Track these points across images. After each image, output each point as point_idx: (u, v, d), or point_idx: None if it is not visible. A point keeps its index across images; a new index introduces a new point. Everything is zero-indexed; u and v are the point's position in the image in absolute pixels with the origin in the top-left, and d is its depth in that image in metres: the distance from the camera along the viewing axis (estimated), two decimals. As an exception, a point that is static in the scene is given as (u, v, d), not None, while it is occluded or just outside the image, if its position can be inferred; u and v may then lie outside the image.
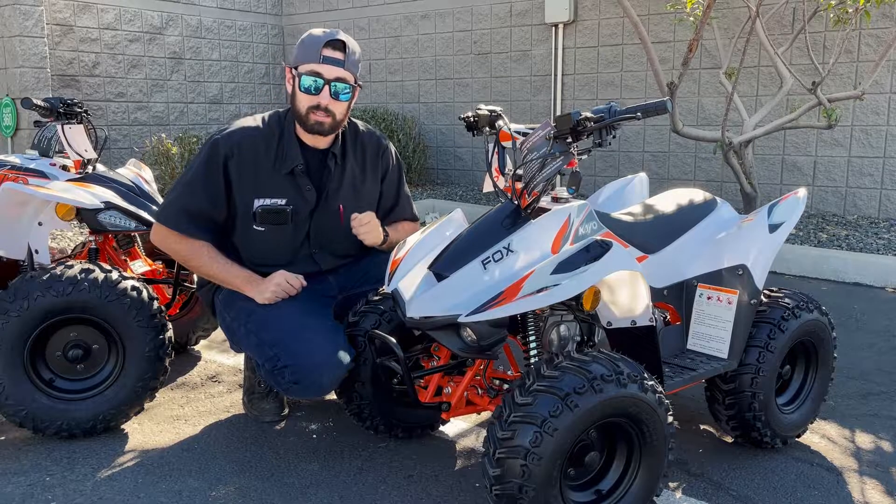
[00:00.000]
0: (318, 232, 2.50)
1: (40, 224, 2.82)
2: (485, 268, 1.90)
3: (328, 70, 2.34)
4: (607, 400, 1.73)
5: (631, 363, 1.82)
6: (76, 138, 2.97)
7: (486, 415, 2.68)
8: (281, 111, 2.52)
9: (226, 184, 2.39)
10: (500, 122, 2.28)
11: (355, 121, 2.60)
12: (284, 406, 2.72)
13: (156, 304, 2.56)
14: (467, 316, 1.81)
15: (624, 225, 2.24)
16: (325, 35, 2.34)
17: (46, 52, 7.29)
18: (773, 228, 2.35)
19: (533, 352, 2.06)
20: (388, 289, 2.07)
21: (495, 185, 2.15)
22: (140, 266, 3.20)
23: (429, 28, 8.51)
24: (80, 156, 2.97)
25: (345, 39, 2.36)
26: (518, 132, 2.21)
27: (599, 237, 1.94)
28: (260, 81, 9.59)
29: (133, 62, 8.34)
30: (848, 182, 6.28)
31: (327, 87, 2.34)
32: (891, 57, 5.85)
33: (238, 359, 3.29)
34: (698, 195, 2.52)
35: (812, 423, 2.56)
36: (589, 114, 1.95)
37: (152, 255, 3.32)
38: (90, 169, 3.01)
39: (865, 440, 2.57)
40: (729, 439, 2.54)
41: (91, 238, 3.04)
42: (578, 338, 2.23)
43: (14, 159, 3.05)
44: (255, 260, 2.47)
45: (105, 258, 3.11)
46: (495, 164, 2.21)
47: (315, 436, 2.56)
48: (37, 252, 2.81)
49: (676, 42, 6.85)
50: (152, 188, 3.14)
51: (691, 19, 5.79)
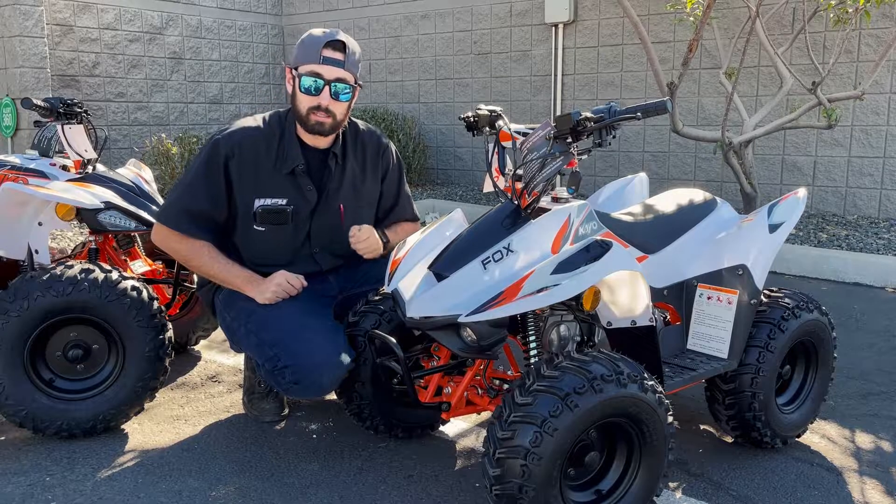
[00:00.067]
0: (319, 232, 2.50)
1: (40, 224, 2.83)
2: (485, 268, 1.90)
3: (328, 70, 2.34)
4: (607, 400, 1.73)
5: (631, 363, 1.82)
6: (76, 138, 2.97)
7: (486, 415, 2.68)
8: (281, 111, 2.52)
9: (226, 184, 2.40)
10: (500, 122, 2.28)
11: (355, 120, 2.60)
12: (284, 406, 2.72)
13: (156, 304, 2.56)
14: (467, 316, 1.81)
15: (624, 225, 2.24)
16: (325, 35, 2.34)
17: (46, 52, 7.29)
18: (773, 228, 2.35)
19: (533, 352, 2.06)
20: (388, 289, 2.07)
21: (495, 185, 2.15)
22: (140, 266, 3.20)
23: (429, 28, 8.51)
24: (80, 156, 2.97)
25: (345, 40, 2.36)
26: (518, 132, 2.21)
27: (599, 237, 1.94)
28: (260, 81, 9.59)
29: (133, 62, 8.35)
30: (848, 182, 6.28)
31: (327, 88, 2.34)
32: (891, 57, 5.85)
33: (238, 359, 3.29)
34: (698, 195, 2.52)
35: (812, 423, 2.56)
36: (589, 114, 1.95)
37: (152, 255, 3.32)
38: (90, 169, 3.01)
39: (865, 440, 2.57)
40: (729, 439, 2.54)
41: (91, 238, 3.04)
42: (578, 338, 2.23)
43: (14, 159, 3.05)
44: (256, 260, 2.47)
45: (105, 258, 3.11)
46: (495, 164, 2.21)
47: (315, 436, 2.56)
48: (37, 252, 2.81)
49: (676, 42, 6.85)
50: (152, 188, 3.14)
51: (691, 19, 5.79)
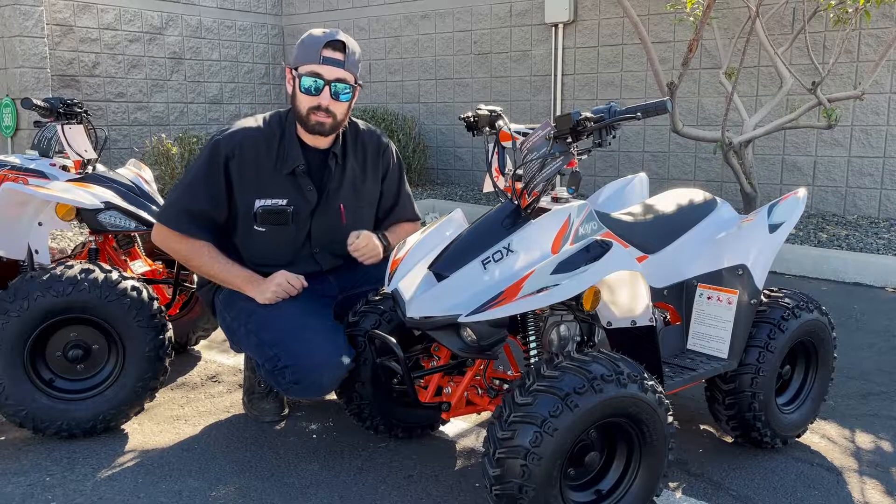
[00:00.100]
0: (319, 232, 2.50)
1: (40, 224, 2.83)
2: (485, 268, 1.90)
3: (328, 71, 2.34)
4: (607, 400, 1.73)
5: (631, 363, 1.82)
6: (76, 138, 2.97)
7: (486, 415, 2.68)
8: (282, 111, 2.52)
9: (227, 184, 2.40)
10: (500, 122, 2.28)
11: (356, 120, 2.60)
12: (284, 406, 2.72)
13: (156, 304, 2.56)
14: (467, 316, 1.81)
15: (624, 225, 2.24)
16: (325, 35, 2.34)
17: (46, 53, 7.29)
18: (773, 228, 2.35)
19: (533, 352, 2.06)
20: (388, 289, 2.07)
21: (495, 185, 2.15)
22: (140, 266, 3.20)
23: (429, 28, 8.51)
24: (80, 156, 2.97)
25: (345, 40, 2.36)
26: (518, 132, 2.21)
27: (599, 237, 1.94)
28: (260, 81, 9.59)
29: (133, 62, 8.35)
30: (848, 182, 6.28)
31: (327, 88, 2.34)
32: (891, 57, 5.85)
33: (238, 359, 3.29)
34: (698, 195, 2.52)
35: (812, 423, 2.56)
36: (589, 114, 1.95)
37: (152, 255, 3.32)
38: (90, 169, 3.01)
39: (865, 440, 2.57)
40: (729, 439, 2.54)
41: (91, 238, 3.04)
42: (578, 338, 2.23)
43: (14, 159, 3.05)
44: (257, 260, 2.47)
45: (105, 258, 3.11)
46: (495, 164, 2.21)
47: (315, 436, 2.56)
48: (37, 252, 2.81)
49: (676, 42, 6.85)
50: (152, 188, 3.14)
51: (691, 19, 5.79)
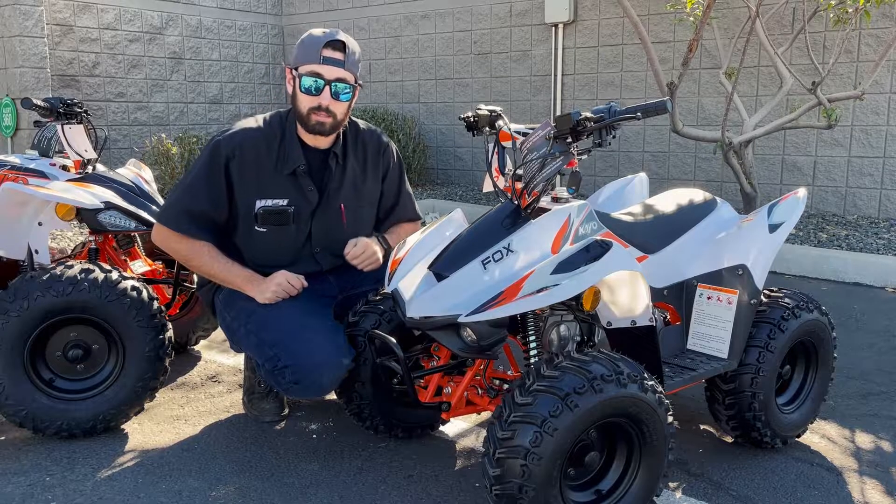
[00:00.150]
0: (320, 232, 2.50)
1: (40, 224, 2.83)
2: (485, 268, 1.90)
3: (328, 70, 2.34)
4: (607, 400, 1.73)
5: (631, 363, 1.82)
6: (76, 138, 2.97)
7: (486, 415, 2.68)
8: (282, 111, 2.52)
9: (227, 185, 2.40)
10: (500, 122, 2.28)
11: (356, 120, 2.60)
12: (284, 406, 2.72)
13: (156, 304, 2.56)
14: (467, 316, 1.81)
15: (624, 225, 2.24)
16: (325, 35, 2.34)
17: (46, 52, 7.29)
18: (773, 228, 2.35)
19: (533, 352, 2.06)
20: (388, 289, 2.07)
21: (495, 185, 2.15)
22: (140, 266, 3.20)
23: (429, 28, 8.51)
24: (80, 156, 2.97)
25: (345, 39, 2.36)
26: (518, 132, 2.21)
27: (599, 237, 1.94)
28: (260, 81, 9.59)
29: (133, 62, 8.35)
30: (848, 182, 6.28)
31: (328, 88, 2.34)
32: (891, 57, 5.85)
33: (238, 359, 3.29)
34: (698, 195, 2.52)
35: (812, 423, 2.56)
36: (589, 114, 1.95)
37: (152, 255, 3.32)
38: (90, 169, 3.01)
39: (865, 440, 2.57)
40: (729, 439, 2.54)
41: (91, 238, 3.04)
42: (578, 338, 2.22)
43: (14, 159, 3.05)
44: (257, 260, 2.47)
45: (105, 258, 3.11)
46: (495, 164, 2.21)
47: (315, 436, 2.56)
48: (37, 252, 2.81)
49: (676, 42, 6.85)
50: (152, 188, 3.14)
51: (691, 19, 5.79)
